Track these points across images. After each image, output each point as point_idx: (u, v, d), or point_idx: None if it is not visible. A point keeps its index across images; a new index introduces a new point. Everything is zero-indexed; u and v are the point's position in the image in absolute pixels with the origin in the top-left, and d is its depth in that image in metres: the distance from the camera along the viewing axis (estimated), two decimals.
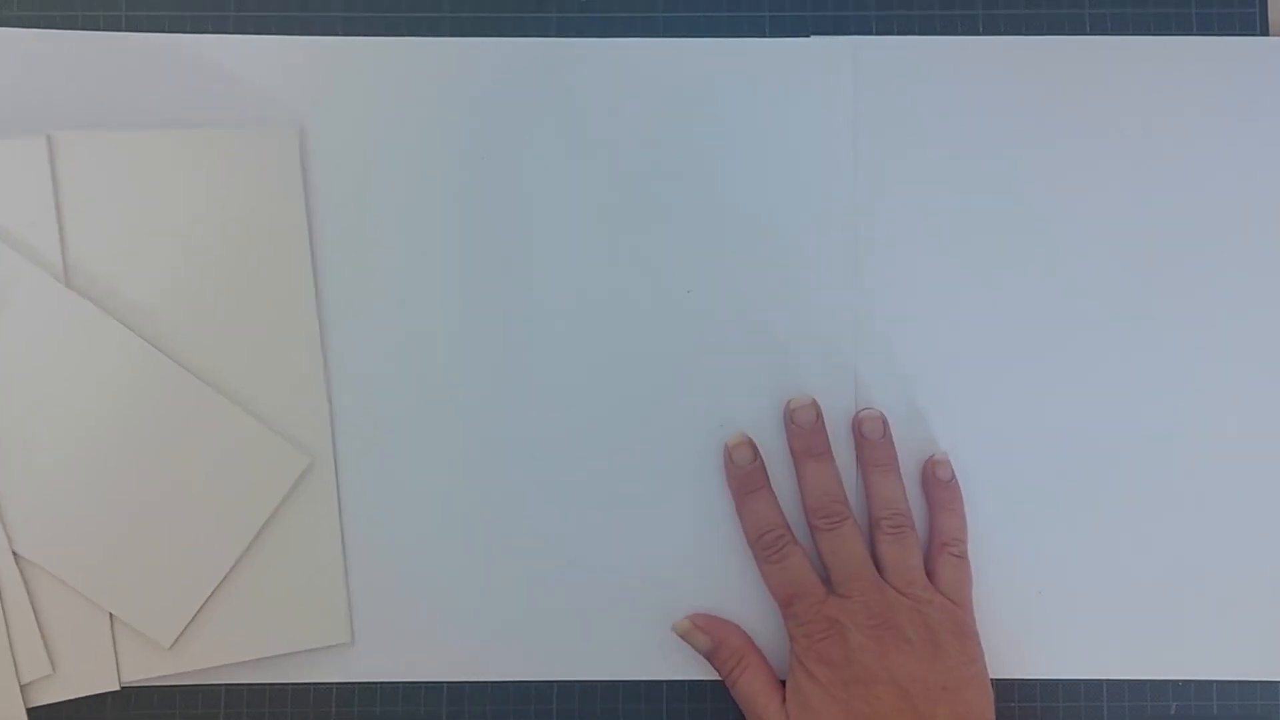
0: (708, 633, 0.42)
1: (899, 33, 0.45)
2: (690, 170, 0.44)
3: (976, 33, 0.45)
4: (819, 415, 0.43)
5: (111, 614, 0.41)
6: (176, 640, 0.41)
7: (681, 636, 0.43)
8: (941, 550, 0.42)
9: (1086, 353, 0.44)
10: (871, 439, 0.43)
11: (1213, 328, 0.44)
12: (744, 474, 0.43)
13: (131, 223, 0.42)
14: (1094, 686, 0.44)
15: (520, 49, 0.45)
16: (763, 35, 0.45)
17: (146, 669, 0.41)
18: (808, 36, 0.45)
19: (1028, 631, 0.43)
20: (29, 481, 0.41)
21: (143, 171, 0.42)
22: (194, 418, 0.41)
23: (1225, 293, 0.44)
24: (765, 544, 0.42)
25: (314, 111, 0.44)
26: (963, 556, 0.42)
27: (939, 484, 0.43)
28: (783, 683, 0.42)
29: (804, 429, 0.43)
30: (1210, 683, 0.44)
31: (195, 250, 0.42)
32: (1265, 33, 0.45)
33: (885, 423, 0.43)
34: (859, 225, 0.44)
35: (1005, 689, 0.43)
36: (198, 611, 0.41)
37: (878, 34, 0.45)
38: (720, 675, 0.42)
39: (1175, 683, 0.44)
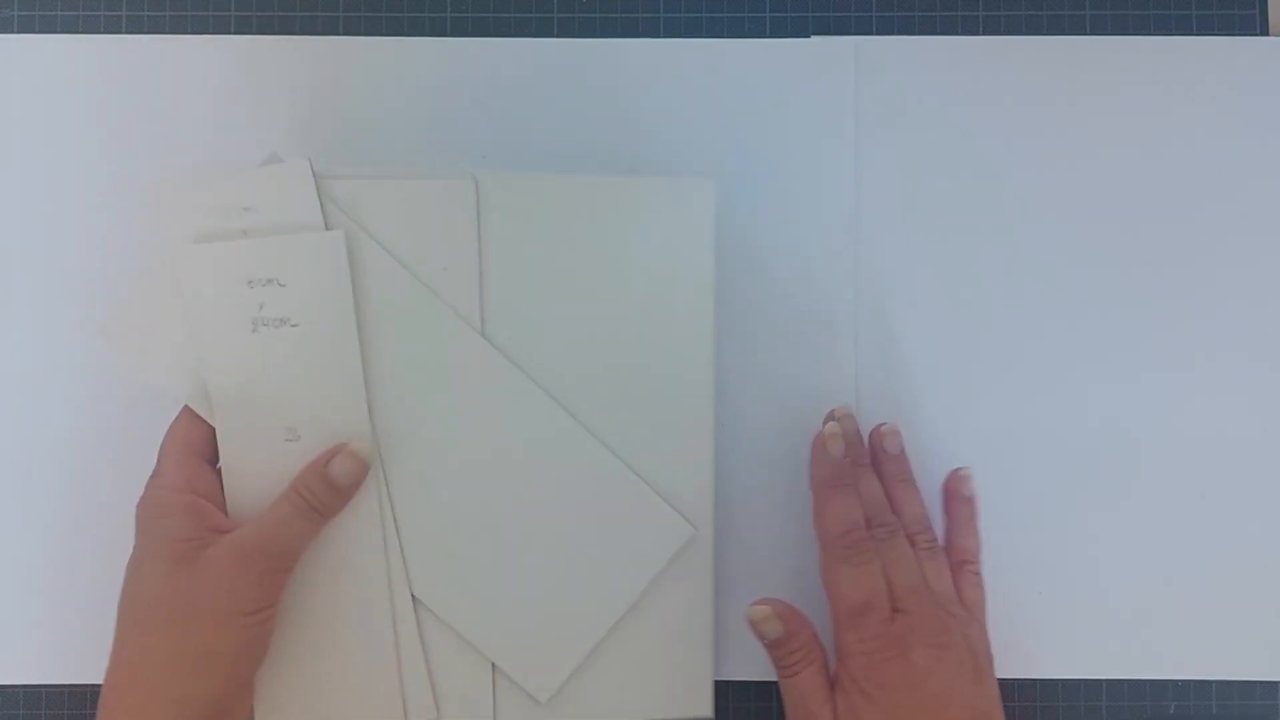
0: (784, 621, 0.40)
1: (899, 33, 0.45)
2: (691, 169, 0.44)
3: (976, 33, 0.45)
4: (858, 428, 0.42)
5: (494, 664, 0.41)
6: (553, 696, 0.41)
7: (755, 622, 0.40)
8: (962, 568, 0.41)
9: (1087, 352, 0.44)
10: (892, 453, 0.42)
11: (1214, 327, 0.44)
12: (836, 465, 0.40)
13: (546, 270, 0.41)
14: (1094, 686, 0.44)
15: (520, 49, 0.45)
16: (763, 35, 0.45)
17: None
18: (808, 36, 0.45)
19: (1028, 631, 0.43)
20: (429, 526, 0.41)
21: (560, 217, 0.41)
22: (588, 477, 0.41)
23: (1227, 292, 0.44)
24: (849, 543, 0.39)
25: (314, 111, 0.44)
26: (979, 574, 0.41)
27: (963, 500, 0.42)
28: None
29: (852, 441, 0.41)
30: (1210, 683, 0.44)
31: (604, 302, 0.42)
32: (1265, 33, 0.45)
33: (901, 436, 0.42)
34: (859, 225, 0.44)
35: (1005, 689, 0.43)
36: (575, 669, 0.41)
37: (878, 34, 0.45)
38: (778, 667, 0.40)
39: (1175, 683, 0.44)
